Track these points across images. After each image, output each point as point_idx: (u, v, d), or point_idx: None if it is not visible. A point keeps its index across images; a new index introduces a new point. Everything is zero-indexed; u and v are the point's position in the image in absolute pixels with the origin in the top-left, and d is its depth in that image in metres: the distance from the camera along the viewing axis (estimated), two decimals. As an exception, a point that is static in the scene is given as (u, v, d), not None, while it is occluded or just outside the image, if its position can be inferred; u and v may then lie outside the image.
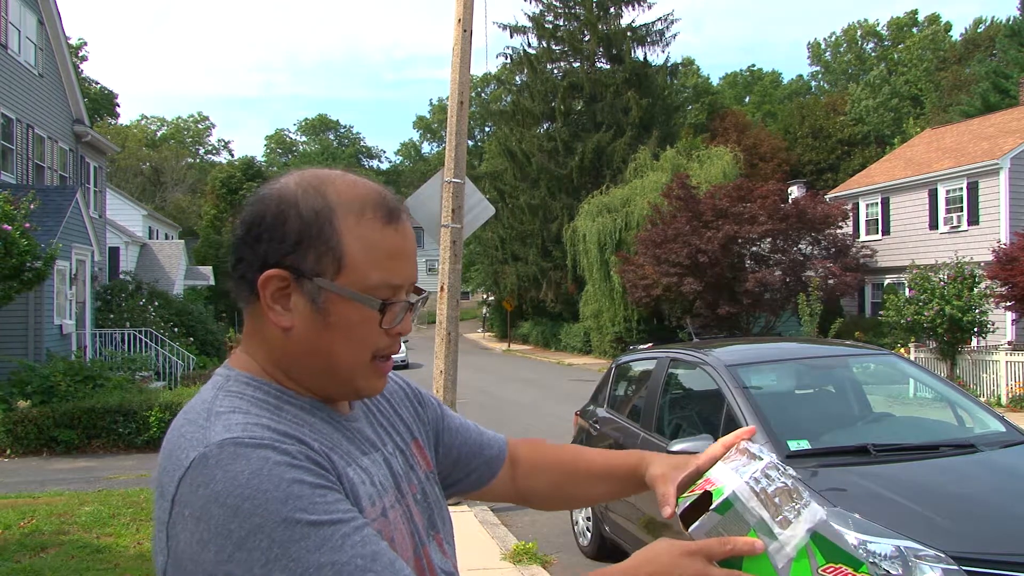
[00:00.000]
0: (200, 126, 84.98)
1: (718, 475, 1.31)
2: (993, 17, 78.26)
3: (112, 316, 22.34)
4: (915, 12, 70.47)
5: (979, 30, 60.82)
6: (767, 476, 1.26)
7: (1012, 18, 47.65)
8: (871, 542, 3.87)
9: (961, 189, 26.71)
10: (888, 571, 3.78)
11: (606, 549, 7.04)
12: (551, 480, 1.67)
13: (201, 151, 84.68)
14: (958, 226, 26.61)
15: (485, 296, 58.22)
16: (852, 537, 3.92)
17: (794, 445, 4.73)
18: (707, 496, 1.29)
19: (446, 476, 1.56)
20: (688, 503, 1.32)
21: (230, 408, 1.16)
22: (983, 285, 19.40)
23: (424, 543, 1.33)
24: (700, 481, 1.35)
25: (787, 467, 1.31)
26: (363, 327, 1.22)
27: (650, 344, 9.61)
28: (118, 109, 65.29)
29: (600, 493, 1.68)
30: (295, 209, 1.21)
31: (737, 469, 1.29)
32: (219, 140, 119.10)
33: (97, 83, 58.90)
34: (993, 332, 19.71)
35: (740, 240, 25.92)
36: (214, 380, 1.25)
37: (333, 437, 1.23)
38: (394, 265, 1.24)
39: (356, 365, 1.24)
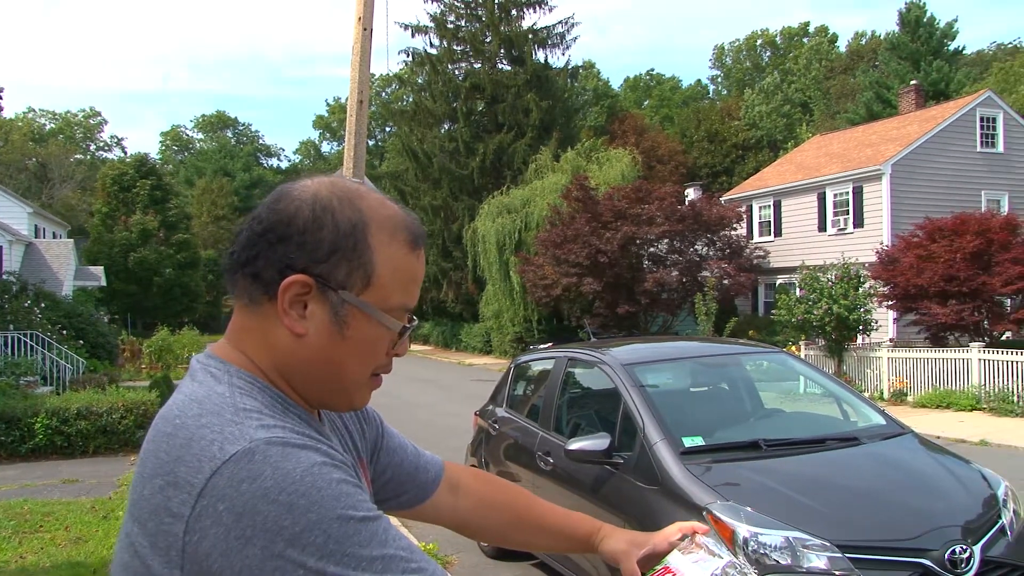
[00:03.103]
0: (92, 121, 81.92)
1: (679, 565, 1.45)
2: (873, 31, 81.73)
3: (-7, 318, 21.29)
4: (807, 24, 73.16)
5: (862, 43, 63.36)
6: (726, 574, 1.41)
7: (892, 32, 49.73)
8: (762, 534, 4.01)
9: (847, 193, 27.78)
10: (778, 561, 3.91)
11: (506, 549, 7.05)
12: (502, 521, 1.71)
13: (92, 147, 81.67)
14: (844, 228, 27.65)
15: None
16: (744, 530, 4.05)
17: (688, 442, 4.84)
18: None
19: (376, 494, 1.56)
20: None
21: (256, 407, 1.14)
22: (867, 285, 20.16)
23: None
24: (660, 567, 1.48)
25: (745, 565, 1.48)
26: (376, 344, 1.24)
27: (549, 344, 9.66)
28: (2, 102, 62.52)
29: (544, 545, 1.76)
30: (331, 217, 1.19)
31: (698, 562, 1.43)
32: (111, 136, 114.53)
33: (-23, 74, 56.28)
34: (876, 330, 20.54)
35: (638, 241, 26.37)
36: (213, 373, 1.20)
37: None
38: (412, 290, 1.27)
39: (359, 379, 1.27)
